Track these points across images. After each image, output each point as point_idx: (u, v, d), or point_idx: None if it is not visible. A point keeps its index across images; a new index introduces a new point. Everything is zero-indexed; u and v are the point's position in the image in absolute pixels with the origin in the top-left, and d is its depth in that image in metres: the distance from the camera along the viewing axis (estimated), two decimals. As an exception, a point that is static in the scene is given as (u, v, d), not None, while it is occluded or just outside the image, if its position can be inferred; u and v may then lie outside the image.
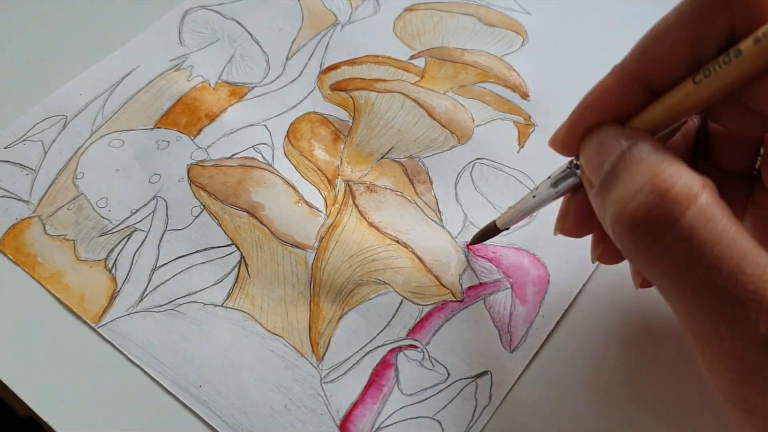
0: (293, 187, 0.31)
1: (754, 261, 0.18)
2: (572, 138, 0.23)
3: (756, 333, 0.18)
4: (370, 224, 0.31)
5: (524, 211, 0.27)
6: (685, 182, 0.19)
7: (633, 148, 0.20)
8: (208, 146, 0.33)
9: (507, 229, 0.29)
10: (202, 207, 0.31)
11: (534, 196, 0.26)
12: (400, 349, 0.28)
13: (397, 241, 0.30)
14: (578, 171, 0.24)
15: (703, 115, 0.25)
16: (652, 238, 0.19)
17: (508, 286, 0.29)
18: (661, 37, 0.21)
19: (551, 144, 0.25)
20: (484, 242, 0.30)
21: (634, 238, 0.19)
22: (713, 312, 0.19)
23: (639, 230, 0.19)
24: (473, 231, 0.31)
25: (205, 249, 0.30)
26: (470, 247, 0.30)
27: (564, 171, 0.25)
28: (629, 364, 0.28)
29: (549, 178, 0.25)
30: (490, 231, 0.29)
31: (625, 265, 0.30)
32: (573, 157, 0.24)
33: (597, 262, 0.28)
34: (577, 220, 0.25)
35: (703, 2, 0.20)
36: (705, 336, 0.19)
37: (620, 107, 0.22)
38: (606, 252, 0.26)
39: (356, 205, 0.31)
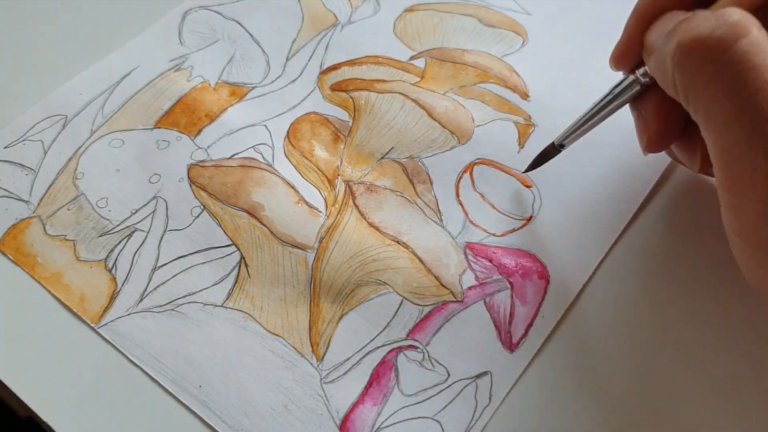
0: (293, 188, 0.31)
1: None
2: (634, 45, 0.26)
3: None
4: (370, 224, 0.31)
5: (581, 124, 0.29)
6: (742, 16, 0.21)
7: (695, 13, 0.22)
8: (208, 146, 0.33)
9: (563, 148, 0.30)
10: (202, 207, 0.31)
11: (592, 110, 0.28)
12: (400, 349, 0.28)
13: (397, 242, 0.30)
14: (642, 78, 0.26)
15: None
16: (710, 58, 0.21)
17: (508, 286, 0.29)
18: None
19: (613, 60, 0.27)
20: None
21: (693, 59, 0.21)
22: (752, 136, 0.20)
23: (698, 50, 0.21)
24: (473, 231, 0.31)
25: (205, 249, 0.30)
26: (470, 246, 0.30)
27: (623, 83, 0.27)
28: (629, 364, 0.28)
29: (608, 94, 0.28)
30: (549, 152, 0.30)
31: (625, 266, 0.30)
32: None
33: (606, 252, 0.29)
34: (659, 127, 0.26)
35: None
36: (738, 168, 0.21)
37: (674, 7, 0.25)
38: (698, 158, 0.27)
39: (356, 206, 0.31)
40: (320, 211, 0.31)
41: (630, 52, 0.27)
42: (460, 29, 0.38)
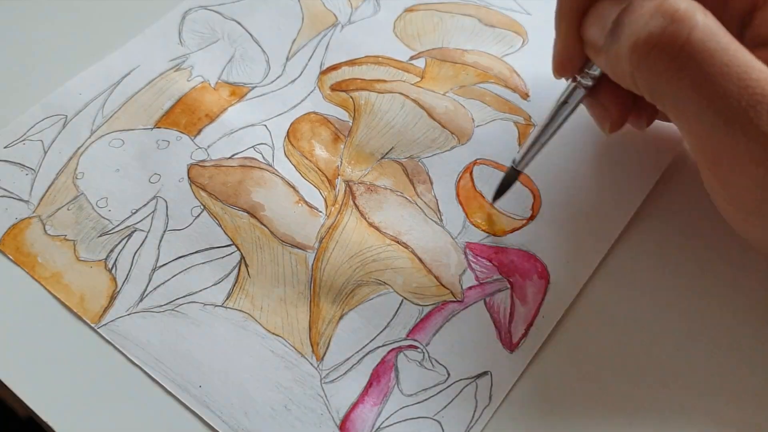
0: (293, 188, 0.31)
1: (757, 67, 0.20)
2: (574, 49, 0.26)
3: None
4: (370, 224, 0.31)
5: (536, 141, 0.29)
6: (687, 4, 0.21)
7: (632, 2, 0.22)
8: (208, 146, 0.33)
9: (521, 171, 0.30)
10: (202, 207, 0.31)
11: (544, 128, 0.28)
12: (400, 349, 0.28)
13: (397, 242, 0.30)
14: (583, 80, 0.27)
15: None
16: (669, 56, 0.21)
17: (508, 286, 0.29)
18: None
19: (556, 69, 0.27)
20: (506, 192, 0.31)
21: (653, 60, 0.21)
22: (728, 119, 0.21)
23: (656, 50, 0.21)
24: (473, 231, 0.31)
25: (205, 249, 0.30)
26: (470, 246, 0.30)
27: (568, 90, 0.27)
28: (629, 364, 0.28)
29: (556, 108, 0.28)
30: (510, 176, 0.30)
31: (625, 266, 0.30)
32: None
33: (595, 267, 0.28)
34: (620, 111, 0.27)
35: None
36: (719, 149, 0.21)
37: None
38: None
39: (356, 206, 0.31)
40: (320, 211, 0.31)
41: (572, 57, 0.27)
42: (460, 29, 0.38)
